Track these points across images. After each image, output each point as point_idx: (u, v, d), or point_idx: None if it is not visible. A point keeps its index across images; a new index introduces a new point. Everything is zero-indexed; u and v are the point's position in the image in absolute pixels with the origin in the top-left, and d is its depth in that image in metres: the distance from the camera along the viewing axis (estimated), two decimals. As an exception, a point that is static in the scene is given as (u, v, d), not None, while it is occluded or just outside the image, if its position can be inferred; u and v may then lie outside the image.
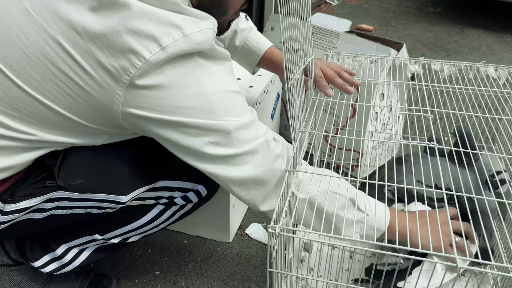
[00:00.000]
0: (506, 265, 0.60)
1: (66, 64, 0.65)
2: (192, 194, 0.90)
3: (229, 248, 1.19)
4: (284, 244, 0.66)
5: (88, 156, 0.78)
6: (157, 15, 0.64)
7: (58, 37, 0.64)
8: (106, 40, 0.63)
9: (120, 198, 0.80)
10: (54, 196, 0.77)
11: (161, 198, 0.88)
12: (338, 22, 1.52)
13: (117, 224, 0.88)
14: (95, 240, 0.89)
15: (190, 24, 0.66)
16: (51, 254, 0.88)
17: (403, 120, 1.50)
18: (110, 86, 0.65)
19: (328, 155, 1.50)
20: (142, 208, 0.88)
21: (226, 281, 1.10)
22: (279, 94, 1.50)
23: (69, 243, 0.89)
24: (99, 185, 0.79)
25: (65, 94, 0.67)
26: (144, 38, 0.63)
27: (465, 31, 3.10)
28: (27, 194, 0.75)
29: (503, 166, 0.94)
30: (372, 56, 1.14)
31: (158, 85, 0.66)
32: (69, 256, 0.89)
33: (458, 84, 1.01)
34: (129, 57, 0.63)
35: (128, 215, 0.88)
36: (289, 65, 0.69)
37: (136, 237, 0.92)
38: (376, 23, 3.21)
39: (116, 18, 0.63)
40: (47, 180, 0.77)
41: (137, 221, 0.89)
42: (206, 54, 0.69)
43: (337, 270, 1.03)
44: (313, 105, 0.92)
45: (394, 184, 0.71)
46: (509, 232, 0.93)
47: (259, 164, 0.75)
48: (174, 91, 0.67)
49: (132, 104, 0.67)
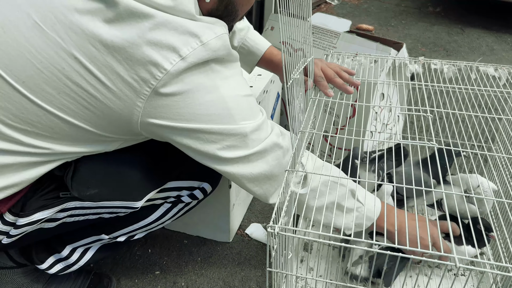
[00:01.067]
0: (505, 265, 0.60)
1: (83, 78, 0.64)
2: (198, 192, 0.92)
3: (229, 248, 1.19)
4: (283, 244, 0.66)
5: (100, 165, 0.78)
6: (175, 25, 0.64)
7: (73, 51, 0.63)
8: (126, 52, 0.63)
9: (134, 204, 0.82)
10: (68, 206, 0.78)
11: (169, 197, 0.90)
12: (338, 22, 1.52)
13: (124, 224, 0.89)
14: (102, 240, 0.90)
15: (206, 31, 0.67)
16: (57, 255, 0.89)
17: (403, 120, 1.50)
18: (130, 98, 0.65)
19: (328, 155, 1.50)
20: (150, 207, 0.90)
21: (226, 281, 1.10)
22: (278, 94, 1.50)
23: (74, 243, 0.89)
24: (113, 194, 0.80)
25: (81, 107, 0.67)
26: (164, 49, 0.63)
27: (465, 31, 3.10)
28: (40, 206, 0.75)
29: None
30: (372, 56, 1.14)
31: (178, 94, 0.66)
32: (75, 256, 0.90)
33: (458, 84, 1.01)
34: (150, 69, 0.63)
35: (136, 215, 0.88)
36: (289, 65, 0.70)
37: (141, 234, 0.93)
38: (376, 23, 3.21)
39: (134, 30, 0.63)
40: (59, 191, 0.77)
41: (144, 220, 0.90)
42: (221, 59, 0.70)
43: (337, 270, 1.03)
44: (313, 105, 0.92)
45: (395, 184, 0.71)
46: (509, 232, 0.93)
47: (271, 160, 0.78)
48: (193, 98, 0.68)
49: (153, 114, 0.67)
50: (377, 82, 1.26)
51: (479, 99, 0.98)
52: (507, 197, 0.93)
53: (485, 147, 0.89)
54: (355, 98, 1.32)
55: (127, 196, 0.81)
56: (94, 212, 0.81)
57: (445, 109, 0.91)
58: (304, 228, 1.14)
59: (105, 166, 0.79)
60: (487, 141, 0.94)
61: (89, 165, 0.77)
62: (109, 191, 0.79)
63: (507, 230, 0.93)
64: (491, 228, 0.92)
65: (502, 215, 0.98)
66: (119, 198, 0.80)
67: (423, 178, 0.83)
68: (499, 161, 1.06)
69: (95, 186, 0.77)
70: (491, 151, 1.01)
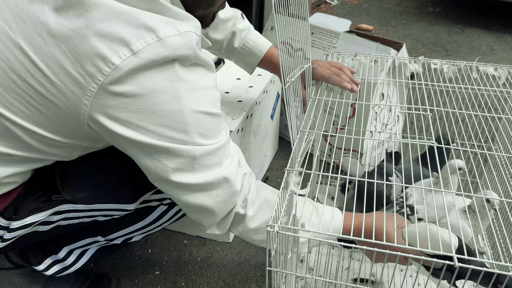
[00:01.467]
0: (505, 264, 0.60)
1: (28, 71, 0.59)
2: None
3: (229, 248, 1.19)
4: (283, 243, 0.66)
5: (93, 167, 0.76)
6: (129, 16, 0.58)
7: (19, 41, 0.58)
8: (72, 43, 0.57)
9: (128, 206, 0.80)
10: (61, 209, 0.76)
11: (165, 199, 0.87)
12: (338, 22, 1.52)
13: (120, 226, 0.88)
14: (98, 242, 0.88)
15: (166, 26, 0.59)
16: (54, 257, 0.88)
17: (403, 120, 1.50)
18: (75, 95, 0.59)
19: (328, 155, 1.50)
20: (146, 210, 0.87)
21: (226, 281, 1.10)
22: (278, 94, 1.50)
23: (71, 245, 0.88)
24: (106, 196, 0.78)
25: (29, 105, 0.61)
26: (114, 42, 0.57)
27: (465, 31, 3.10)
28: (33, 210, 0.73)
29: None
30: (372, 56, 1.14)
31: (129, 95, 0.59)
32: (72, 258, 0.89)
33: (457, 84, 1.01)
34: (96, 62, 0.57)
35: (132, 217, 0.87)
36: (286, 67, 0.69)
37: (138, 236, 0.92)
38: (376, 23, 3.21)
39: (82, 19, 0.57)
40: (51, 194, 0.75)
41: (140, 222, 0.88)
42: (187, 61, 0.63)
43: (337, 269, 1.03)
44: (313, 105, 0.92)
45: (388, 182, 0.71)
46: (508, 232, 0.93)
47: (215, 196, 0.71)
48: (147, 103, 0.60)
49: (99, 114, 0.60)
50: (377, 82, 1.26)
51: (479, 98, 0.97)
52: (507, 197, 0.93)
53: (485, 147, 0.89)
54: (355, 98, 1.32)
55: (121, 198, 0.78)
56: (88, 215, 0.79)
57: (445, 108, 0.91)
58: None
59: (97, 168, 0.76)
60: (487, 140, 0.93)
61: (81, 166, 0.75)
62: (102, 194, 0.77)
63: (507, 230, 0.93)
64: None
65: (502, 215, 0.98)
66: (112, 200, 0.78)
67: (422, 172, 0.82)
68: (499, 160, 1.05)
69: (87, 188, 0.75)
70: (491, 151, 1.01)
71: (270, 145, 1.50)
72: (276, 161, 1.57)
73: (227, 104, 1.13)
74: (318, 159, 1.27)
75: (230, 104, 1.12)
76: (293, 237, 0.68)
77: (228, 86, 1.22)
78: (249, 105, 1.13)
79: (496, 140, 1.13)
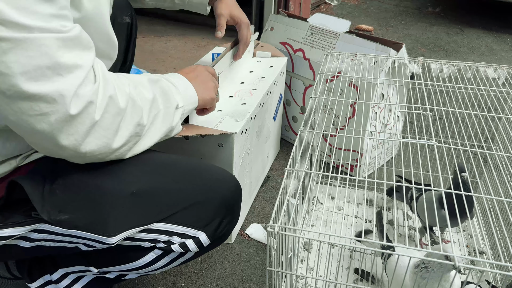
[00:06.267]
0: (505, 264, 0.60)
1: None
2: (191, 242, 0.78)
3: (229, 248, 1.19)
4: (283, 243, 0.66)
5: (77, 188, 0.72)
6: None
7: None
8: None
9: (107, 240, 0.71)
10: (40, 227, 0.72)
11: (158, 242, 0.78)
12: (337, 22, 1.52)
13: (113, 261, 0.82)
14: (91, 271, 0.84)
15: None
16: (47, 277, 0.85)
17: (403, 121, 1.50)
18: None
19: (328, 155, 1.50)
20: (138, 250, 0.80)
21: (226, 281, 1.10)
22: (281, 95, 1.50)
23: (67, 268, 0.85)
24: (84, 223, 0.71)
25: None
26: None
27: (465, 31, 3.10)
28: (13, 222, 0.71)
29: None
30: (371, 56, 1.15)
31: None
32: (65, 282, 0.86)
33: (457, 84, 1.01)
34: None
35: (124, 254, 0.81)
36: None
37: (133, 275, 0.86)
38: (376, 23, 3.21)
39: None
40: (32, 210, 0.70)
41: (133, 262, 0.81)
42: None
43: (337, 269, 1.03)
44: (313, 104, 0.92)
45: (393, 182, 0.71)
46: (508, 232, 0.93)
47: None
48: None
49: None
50: (376, 82, 1.26)
51: (478, 98, 0.98)
52: (507, 196, 0.93)
53: (484, 147, 0.89)
54: (355, 98, 1.32)
55: (100, 229, 0.71)
56: (68, 240, 0.75)
57: (445, 108, 0.91)
58: (304, 227, 1.14)
59: (83, 190, 0.72)
60: (486, 140, 0.94)
61: (67, 187, 0.71)
62: (81, 220, 0.71)
63: (507, 230, 0.93)
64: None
65: (502, 215, 0.98)
66: (90, 229, 0.71)
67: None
68: (498, 160, 1.06)
69: (67, 211, 0.70)
70: (491, 151, 1.01)
71: (272, 146, 1.51)
72: (277, 162, 1.58)
73: (231, 107, 1.13)
74: (318, 159, 1.27)
75: (234, 107, 1.13)
76: None
77: (232, 90, 1.23)
78: (253, 106, 1.13)
79: (496, 140, 1.13)
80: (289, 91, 1.59)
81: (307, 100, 1.55)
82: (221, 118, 1.07)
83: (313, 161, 1.10)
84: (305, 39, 1.50)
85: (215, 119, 1.05)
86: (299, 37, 1.52)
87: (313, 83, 1.48)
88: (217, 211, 0.78)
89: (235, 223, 0.84)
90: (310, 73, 1.48)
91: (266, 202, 1.36)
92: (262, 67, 1.38)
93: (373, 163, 1.45)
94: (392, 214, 1.25)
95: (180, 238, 0.78)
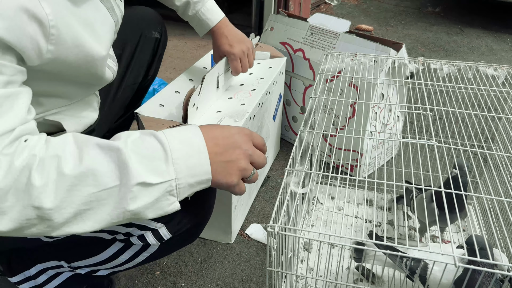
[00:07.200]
0: (506, 264, 0.60)
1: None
2: (150, 235, 0.74)
3: (229, 248, 1.19)
4: (283, 243, 0.66)
5: None
6: None
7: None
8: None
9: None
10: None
11: (117, 233, 0.76)
12: (337, 22, 1.52)
13: (80, 255, 0.81)
14: (63, 266, 0.84)
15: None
16: (26, 273, 0.85)
17: (403, 120, 1.50)
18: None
19: (328, 155, 1.50)
20: (100, 242, 0.78)
21: (226, 282, 1.10)
22: (281, 95, 1.50)
23: (44, 263, 0.84)
24: None
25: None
26: None
27: (465, 31, 3.10)
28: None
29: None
30: (371, 56, 1.15)
31: None
32: (43, 278, 0.85)
33: (457, 83, 1.01)
34: None
35: (88, 247, 0.79)
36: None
37: (104, 271, 0.84)
38: (376, 23, 3.21)
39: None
40: None
41: (98, 256, 0.80)
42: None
43: (337, 269, 1.03)
44: (313, 104, 0.92)
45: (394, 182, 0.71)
46: (508, 232, 0.93)
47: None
48: None
49: None
50: (376, 82, 1.26)
51: (478, 98, 0.98)
52: (507, 196, 0.93)
53: (484, 146, 0.89)
54: (355, 98, 1.32)
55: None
56: None
57: (445, 108, 0.91)
58: (304, 227, 1.14)
59: None
60: (487, 140, 0.94)
61: None
62: None
63: (507, 230, 0.93)
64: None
65: (502, 215, 0.98)
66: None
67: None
68: (498, 160, 1.06)
69: None
70: (491, 151, 1.01)
71: (272, 146, 1.51)
72: (277, 162, 1.58)
73: (230, 107, 1.13)
74: (318, 159, 1.27)
75: (233, 108, 1.13)
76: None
77: (231, 92, 1.23)
78: (252, 106, 1.13)
79: (496, 140, 1.13)
80: (289, 91, 1.59)
81: (307, 100, 1.55)
82: (220, 118, 1.07)
83: (313, 161, 1.10)
84: (305, 39, 1.50)
85: (214, 120, 1.05)
86: (299, 37, 1.52)
87: (313, 83, 1.48)
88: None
89: (202, 221, 0.79)
90: (310, 73, 1.48)
91: (266, 202, 1.36)
92: (261, 69, 1.38)
93: (373, 163, 1.45)
94: (392, 214, 1.25)
95: (140, 230, 0.74)
